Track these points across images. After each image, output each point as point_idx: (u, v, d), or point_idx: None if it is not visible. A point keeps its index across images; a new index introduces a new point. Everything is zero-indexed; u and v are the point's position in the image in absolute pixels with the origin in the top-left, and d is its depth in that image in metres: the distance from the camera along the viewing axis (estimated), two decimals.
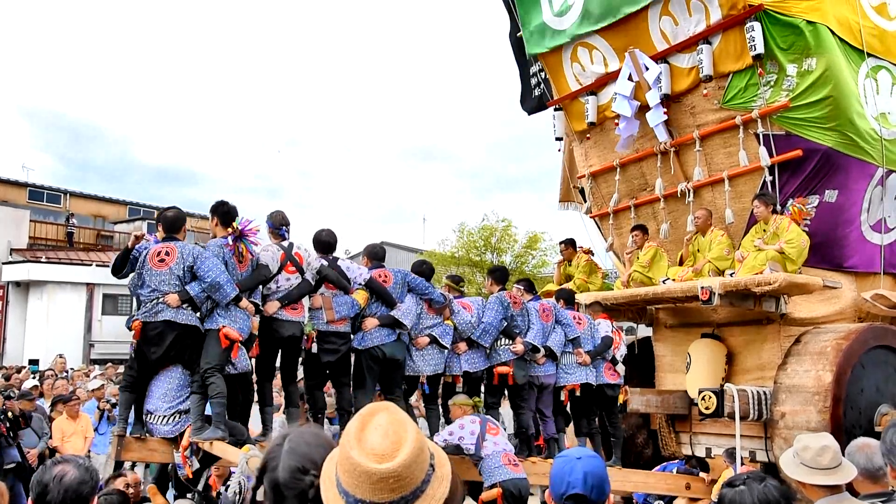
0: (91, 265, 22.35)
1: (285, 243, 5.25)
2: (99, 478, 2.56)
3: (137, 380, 4.89)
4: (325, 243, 5.59)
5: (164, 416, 4.79)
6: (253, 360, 5.34)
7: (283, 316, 5.11)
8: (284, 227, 5.30)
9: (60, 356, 13.20)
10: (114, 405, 7.60)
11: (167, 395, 4.81)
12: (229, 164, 76.20)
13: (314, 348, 5.31)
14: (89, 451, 7.74)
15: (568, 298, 6.80)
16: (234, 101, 79.51)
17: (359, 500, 1.32)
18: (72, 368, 12.97)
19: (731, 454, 5.80)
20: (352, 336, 5.47)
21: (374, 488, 1.31)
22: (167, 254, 4.78)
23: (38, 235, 25.79)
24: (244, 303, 4.85)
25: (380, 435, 1.34)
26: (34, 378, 10.67)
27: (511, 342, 5.91)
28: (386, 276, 5.58)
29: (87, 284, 21.96)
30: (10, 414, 6.88)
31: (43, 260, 22.13)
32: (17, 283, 21.76)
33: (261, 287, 5.10)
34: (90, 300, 21.95)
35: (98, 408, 8.28)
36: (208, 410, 4.79)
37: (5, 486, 3.35)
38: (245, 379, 5.23)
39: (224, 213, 5.08)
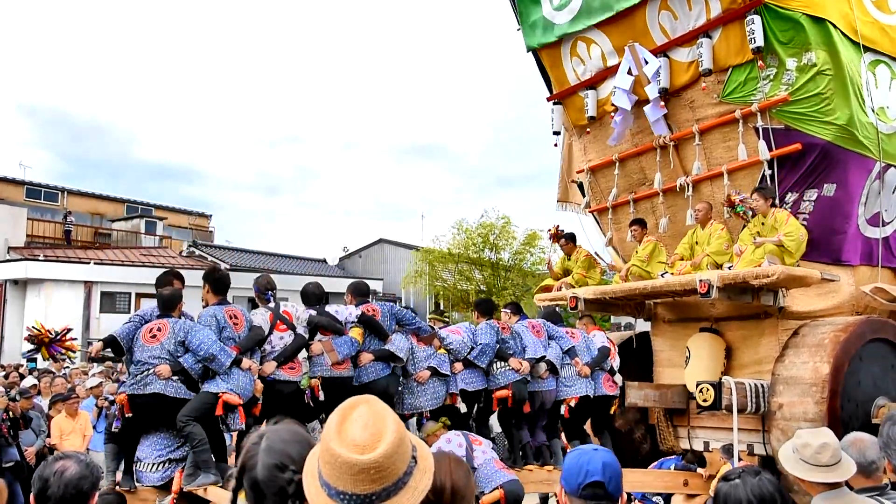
0: (89, 263, 22.29)
1: (271, 305, 5.29)
2: (100, 474, 2.56)
3: (121, 434, 4.78)
4: (312, 295, 5.65)
5: (153, 464, 4.73)
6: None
7: (281, 377, 5.09)
8: (270, 292, 5.35)
9: None
10: (112, 402, 7.60)
11: (157, 442, 4.76)
12: (229, 160, 76.11)
13: (321, 396, 5.28)
14: (88, 449, 7.75)
15: (555, 319, 6.80)
16: (234, 97, 79.38)
17: (340, 493, 1.32)
18: (70, 366, 12.92)
19: (727, 450, 5.79)
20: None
21: (355, 479, 1.31)
22: (159, 329, 4.78)
23: (35, 233, 25.76)
24: (246, 363, 4.82)
25: (360, 426, 1.35)
26: (32, 376, 10.66)
27: (506, 364, 5.91)
28: (374, 311, 5.65)
29: (85, 282, 21.91)
30: (11, 414, 6.90)
31: (40, 258, 22.08)
32: (15, 282, 21.71)
33: (258, 350, 5.08)
34: (88, 298, 21.89)
35: (96, 405, 8.28)
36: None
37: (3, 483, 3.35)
38: (238, 435, 5.16)
39: (216, 279, 5.11)
